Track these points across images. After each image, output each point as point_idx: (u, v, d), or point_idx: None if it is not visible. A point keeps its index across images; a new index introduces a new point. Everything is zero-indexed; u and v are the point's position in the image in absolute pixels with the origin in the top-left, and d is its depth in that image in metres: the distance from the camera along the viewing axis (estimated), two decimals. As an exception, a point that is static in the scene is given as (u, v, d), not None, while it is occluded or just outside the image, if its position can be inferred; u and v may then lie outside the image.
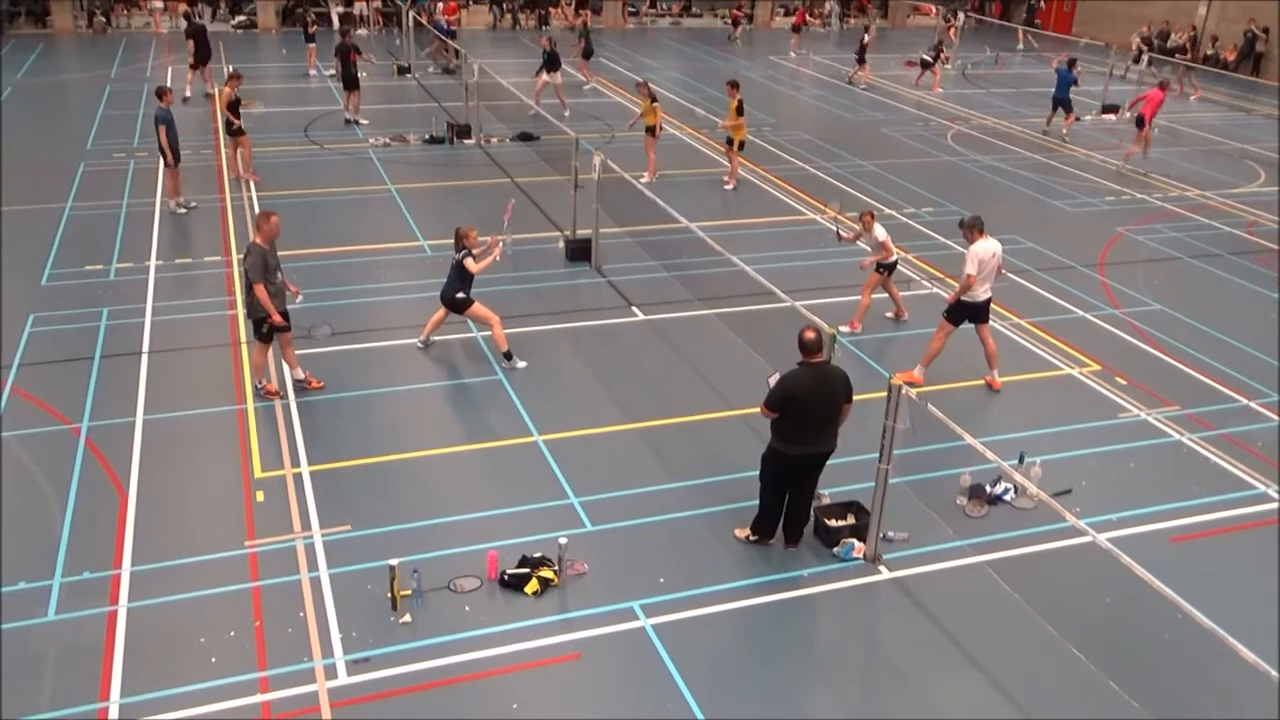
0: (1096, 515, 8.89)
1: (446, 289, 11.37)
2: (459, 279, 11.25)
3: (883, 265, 12.41)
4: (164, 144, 15.52)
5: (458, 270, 11.25)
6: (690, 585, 8.00)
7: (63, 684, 6.88)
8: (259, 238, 10.13)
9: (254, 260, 10.05)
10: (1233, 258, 16.00)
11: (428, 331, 11.73)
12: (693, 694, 6.97)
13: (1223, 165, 22.07)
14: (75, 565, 8.01)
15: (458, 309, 11.35)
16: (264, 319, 10.16)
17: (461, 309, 11.34)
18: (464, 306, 11.32)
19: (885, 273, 12.50)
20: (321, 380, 10.77)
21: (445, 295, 11.38)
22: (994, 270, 10.97)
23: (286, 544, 8.35)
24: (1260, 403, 11.27)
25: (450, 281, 11.35)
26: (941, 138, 23.29)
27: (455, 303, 11.31)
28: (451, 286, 11.32)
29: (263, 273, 10.05)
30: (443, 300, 11.43)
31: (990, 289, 11.07)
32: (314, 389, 10.67)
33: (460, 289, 11.25)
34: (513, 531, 8.51)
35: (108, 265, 13.96)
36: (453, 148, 20.62)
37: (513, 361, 11.35)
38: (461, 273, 11.21)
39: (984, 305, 11.10)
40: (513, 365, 11.33)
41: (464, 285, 11.25)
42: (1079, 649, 7.41)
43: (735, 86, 18.31)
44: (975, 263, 10.72)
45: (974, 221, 10.95)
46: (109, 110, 22.73)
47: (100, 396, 10.53)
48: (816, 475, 8.37)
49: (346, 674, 7.03)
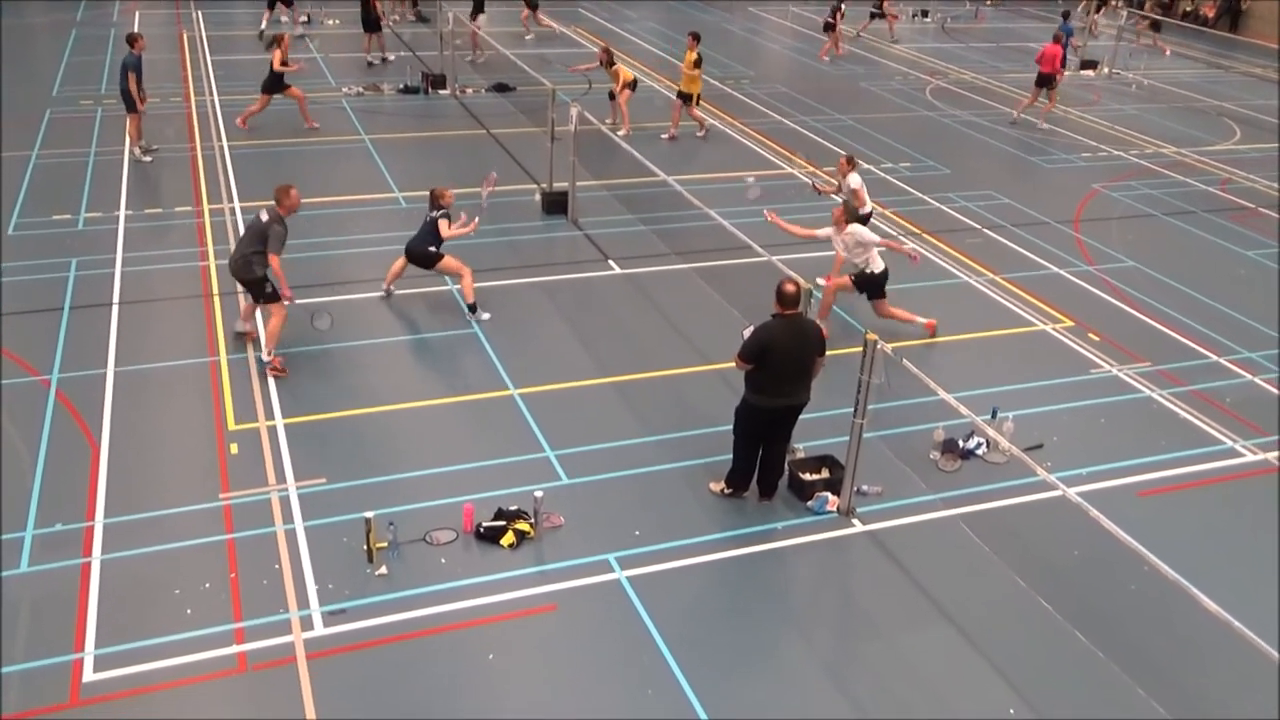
0: (1067, 469, 9.00)
1: (416, 243, 11.32)
2: (431, 236, 11.21)
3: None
4: (132, 90, 15.24)
5: (431, 228, 11.21)
6: (665, 538, 8.06)
7: (36, 635, 6.87)
8: (281, 210, 10.06)
9: (280, 231, 9.96)
10: (1207, 215, 16.09)
11: (389, 281, 11.70)
12: (667, 645, 7.04)
13: (1199, 122, 22.12)
14: (48, 517, 7.97)
15: (427, 264, 11.31)
16: (257, 282, 10.04)
17: (431, 264, 11.30)
18: (434, 261, 11.28)
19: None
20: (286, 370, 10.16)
21: (414, 249, 11.33)
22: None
23: (261, 497, 8.33)
24: (1230, 359, 11.39)
25: (421, 236, 11.30)
26: (920, 92, 23.19)
27: (426, 256, 11.26)
28: (423, 241, 11.27)
29: (282, 244, 9.99)
30: (409, 254, 11.39)
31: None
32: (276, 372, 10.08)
33: (432, 243, 11.21)
34: (489, 484, 8.53)
35: (76, 215, 13.74)
36: (427, 98, 20.35)
37: (477, 314, 11.31)
38: (434, 231, 11.17)
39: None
40: (477, 318, 11.30)
41: (435, 240, 11.21)
42: (1048, 601, 7.54)
43: (696, 39, 18.15)
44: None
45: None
46: (75, 56, 22.24)
47: (70, 348, 10.41)
48: (790, 428, 8.42)
49: (323, 625, 7.06)
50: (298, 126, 17.71)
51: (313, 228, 13.53)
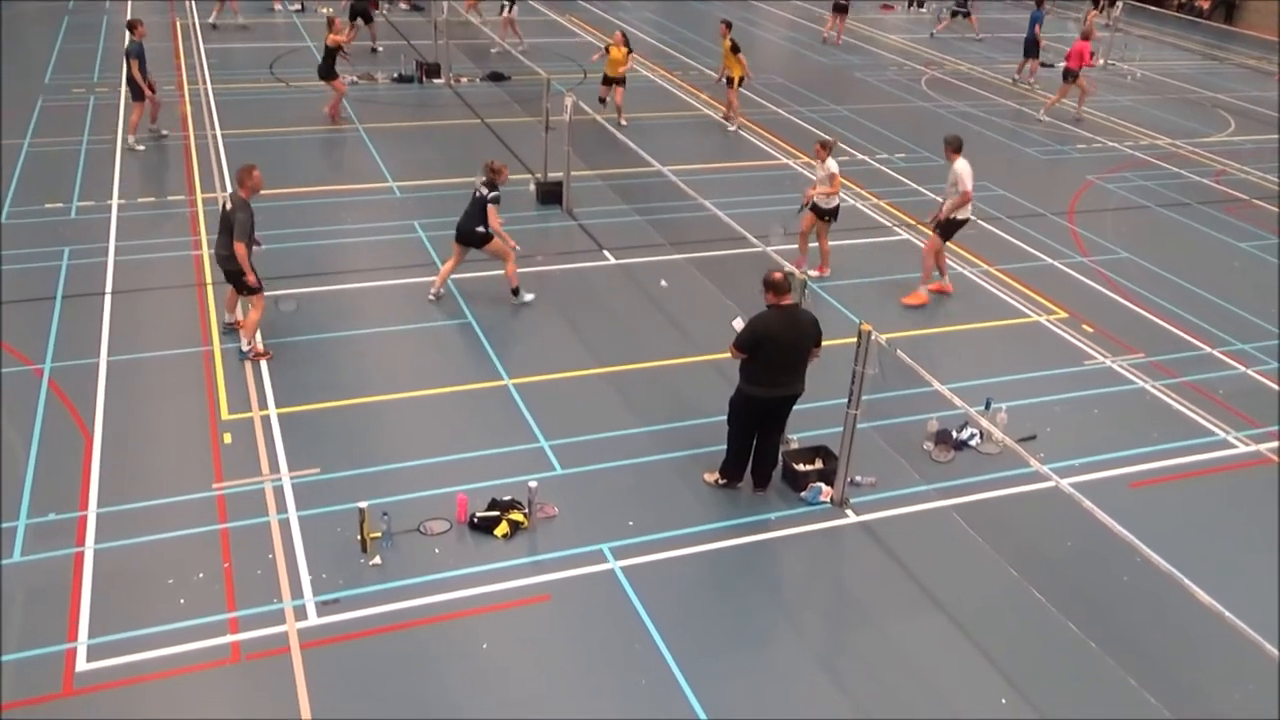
0: (1060, 460, 9.01)
1: (466, 222, 11.07)
2: (480, 214, 10.95)
3: (824, 211, 12.25)
4: (137, 78, 15.16)
5: (479, 206, 10.95)
6: (659, 528, 8.06)
7: (29, 625, 6.86)
8: (243, 192, 9.85)
9: (244, 219, 9.73)
10: (1201, 207, 16.10)
11: (440, 282, 11.41)
12: (661, 635, 7.05)
13: (1194, 114, 22.13)
14: (41, 507, 7.95)
15: (478, 243, 11.11)
16: (241, 274, 9.91)
17: (481, 244, 11.13)
18: (484, 242, 11.10)
19: (829, 220, 12.29)
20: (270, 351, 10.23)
21: (465, 229, 11.08)
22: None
23: (255, 486, 8.32)
24: (1223, 351, 11.42)
25: (470, 215, 11.05)
26: (916, 83, 23.16)
27: (476, 236, 11.05)
28: (471, 220, 11.03)
29: (249, 231, 9.81)
30: (461, 235, 11.12)
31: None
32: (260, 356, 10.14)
33: (480, 223, 10.97)
34: (482, 475, 8.52)
35: (68, 203, 13.69)
36: (422, 87, 20.28)
37: (520, 296, 11.35)
38: (483, 209, 10.93)
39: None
40: (520, 300, 11.34)
41: (484, 220, 10.94)
42: (1040, 591, 7.55)
43: (728, 26, 18.18)
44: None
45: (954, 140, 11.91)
46: (67, 44, 22.13)
47: (63, 337, 10.38)
48: (784, 419, 8.43)
49: (316, 615, 7.06)
50: (291, 115, 17.65)
51: (306, 217, 13.51)
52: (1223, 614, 5.70)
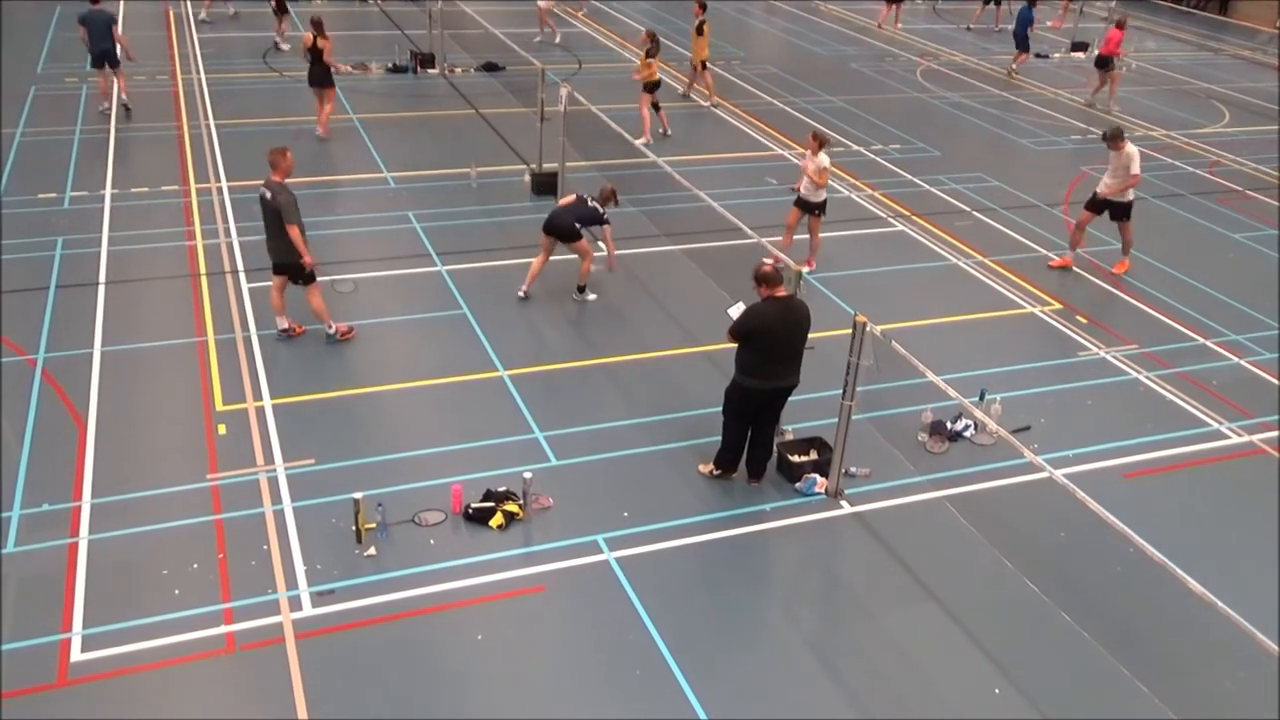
0: (1054, 451, 9.04)
1: (568, 216, 11.15)
2: (591, 216, 11.20)
3: (813, 204, 12.25)
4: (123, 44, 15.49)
5: (592, 217, 11.19)
6: (654, 519, 8.07)
7: (24, 615, 6.85)
8: (277, 175, 9.74)
9: (288, 200, 9.59)
10: (1195, 198, 16.12)
11: (530, 279, 11.48)
12: (655, 625, 7.06)
13: (1188, 105, 22.14)
14: (34, 497, 7.94)
15: (569, 238, 11.22)
16: (298, 262, 9.84)
17: (572, 239, 11.25)
18: (576, 237, 11.25)
19: (818, 213, 12.28)
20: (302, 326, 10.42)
21: (562, 222, 11.13)
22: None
23: (249, 477, 8.31)
24: (1216, 342, 11.44)
25: (576, 214, 11.19)
26: (910, 74, 23.14)
27: (573, 231, 11.17)
28: (573, 218, 11.17)
29: (297, 212, 9.70)
30: (560, 227, 11.15)
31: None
32: (297, 334, 10.37)
33: (578, 220, 11.17)
34: (477, 466, 8.52)
35: (61, 193, 13.64)
36: (416, 77, 20.22)
37: (584, 295, 11.49)
38: (595, 220, 11.20)
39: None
40: (584, 298, 11.48)
41: (584, 220, 11.18)
42: (1034, 582, 7.58)
43: (703, 7, 18.14)
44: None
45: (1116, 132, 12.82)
46: (60, 32, 22.02)
47: (56, 327, 10.35)
48: (779, 410, 8.44)
49: (311, 606, 7.06)
50: (285, 105, 17.58)
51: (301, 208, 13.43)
52: (1215, 604, 5.72)
